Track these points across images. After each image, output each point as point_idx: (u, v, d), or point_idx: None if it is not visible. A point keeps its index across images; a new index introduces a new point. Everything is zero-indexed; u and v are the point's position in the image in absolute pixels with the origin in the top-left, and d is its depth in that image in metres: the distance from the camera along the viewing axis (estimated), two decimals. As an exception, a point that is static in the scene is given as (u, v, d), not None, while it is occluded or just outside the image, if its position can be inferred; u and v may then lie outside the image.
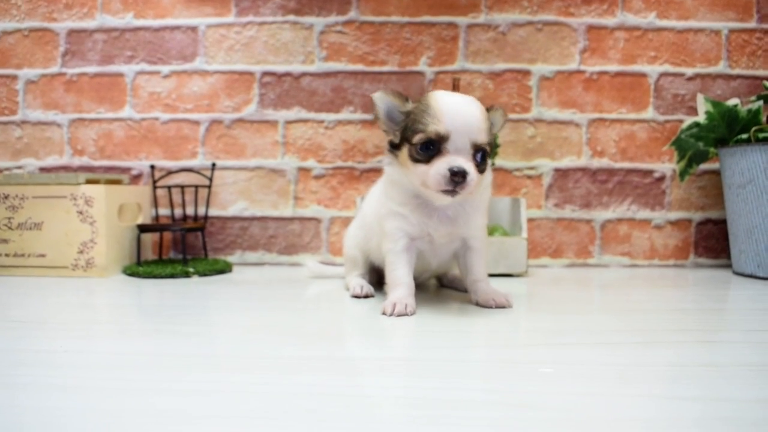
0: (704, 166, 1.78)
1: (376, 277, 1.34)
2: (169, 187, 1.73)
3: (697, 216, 1.80)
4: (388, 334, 0.91)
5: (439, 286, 1.41)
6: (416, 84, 1.78)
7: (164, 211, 1.81)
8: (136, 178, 1.82)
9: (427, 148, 1.00)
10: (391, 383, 0.66)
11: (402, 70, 1.78)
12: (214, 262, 1.63)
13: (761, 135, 1.50)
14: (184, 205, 1.75)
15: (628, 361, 0.75)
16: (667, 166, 1.78)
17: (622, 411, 0.58)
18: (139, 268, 1.54)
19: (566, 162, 1.78)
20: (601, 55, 1.78)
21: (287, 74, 1.79)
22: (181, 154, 1.81)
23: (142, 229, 1.61)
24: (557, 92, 1.78)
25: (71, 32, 1.81)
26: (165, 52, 1.81)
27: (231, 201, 1.81)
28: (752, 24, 1.78)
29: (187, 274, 1.53)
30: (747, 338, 0.88)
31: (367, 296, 1.23)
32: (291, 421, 0.55)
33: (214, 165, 1.77)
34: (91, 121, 1.82)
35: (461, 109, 1.00)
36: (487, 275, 1.17)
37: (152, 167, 1.75)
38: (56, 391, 0.63)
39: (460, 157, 0.98)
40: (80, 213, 1.52)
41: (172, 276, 1.51)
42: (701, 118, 1.58)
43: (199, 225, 1.67)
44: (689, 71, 1.78)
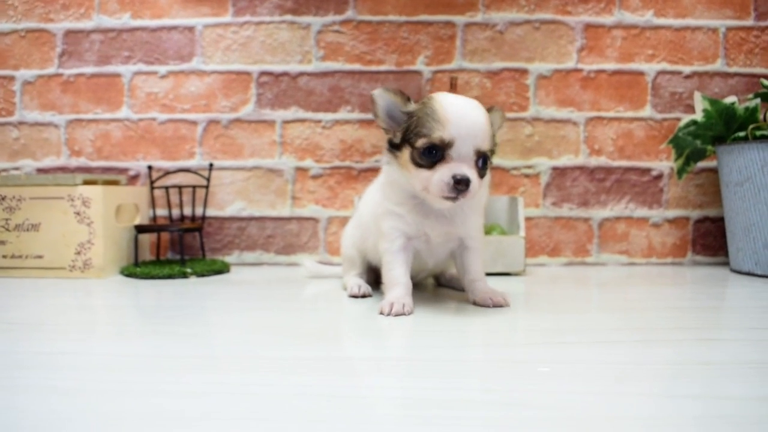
0: (702, 164, 1.78)
1: (373, 277, 1.33)
2: (167, 188, 1.73)
3: (695, 214, 1.80)
4: (385, 334, 0.91)
5: (437, 286, 1.41)
6: (414, 83, 1.78)
7: (162, 212, 1.80)
8: (134, 179, 1.82)
9: (430, 154, 0.98)
10: (389, 383, 0.66)
11: (399, 70, 1.78)
12: (211, 263, 1.63)
13: (759, 133, 1.50)
14: (181, 206, 1.75)
15: (627, 360, 0.75)
16: (664, 164, 1.78)
17: (620, 410, 0.57)
18: (137, 268, 1.54)
19: (564, 160, 1.78)
20: (599, 53, 1.78)
21: (284, 74, 1.79)
22: (179, 155, 1.81)
23: (140, 229, 1.61)
24: (555, 91, 1.78)
25: (68, 33, 1.81)
26: (162, 52, 1.80)
27: (228, 201, 1.81)
28: (749, 22, 1.78)
29: (184, 275, 1.52)
30: (746, 336, 0.88)
31: (364, 296, 1.23)
32: (289, 421, 0.54)
33: (211, 165, 1.77)
34: (89, 121, 1.82)
35: (466, 115, 0.98)
36: (485, 274, 1.17)
37: (150, 168, 1.75)
38: (56, 393, 0.62)
39: (463, 165, 0.98)
40: (77, 214, 1.52)
41: (170, 277, 1.51)
42: (699, 116, 1.58)
43: (197, 225, 1.66)
44: (687, 69, 1.78)
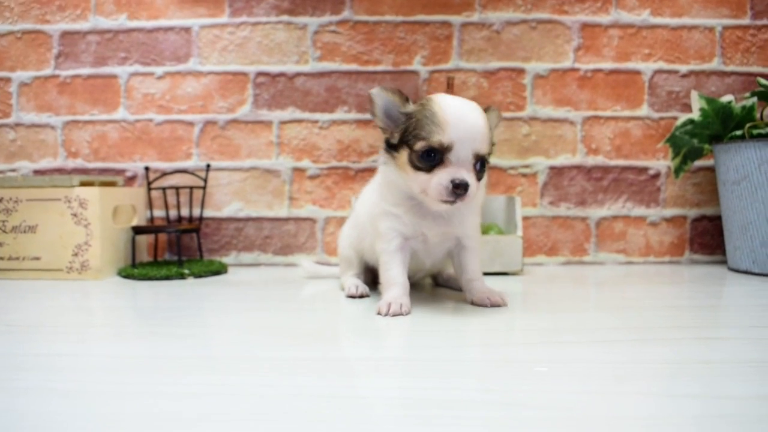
0: (699, 163, 1.78)
1: (371, 277, 1.33)
2: (164, 189, 1.72)
3: (692, 213, 1.80)
4: (383, 334, 0.91)
5: (434, 285, 1.41)
6: (411, 83, 1.77)
7: (159, 213, 1.80)
8: (131, 180, 1.82)
9: (429, 157, 0.98)
10: (387, 384, 0.66)
11: (396, 70, 1.78)
12: (209, 264, 1.63)
13: (755, 131, 1.50)
14: (179, 207, 1.75)
15: (625, 359, 0.75)
16: (661, 163, 1.79)
17: (619, 409, 0.57)
18: (134, 270, 1.54)
19: (561, 160, 1.79)
20: (596, 52, 1.78)
21: (281, 74, 1.79)
22: (176, 156, 1.81)
23: (137, 230, 1.60)
24: (552, 90, 1.78)
25: (64, 34, 1.81)
26: (159, 53, 1.80)
27: (226, 202, 1.80)
28: (746, 20, 1.78)
29: (182, 276, 1.52)
30: (744, 335, 0.88)
31: (362, 296, 1.23)
32: (287, 422, 0.54)
33: (208, 166, 1.76)
34: (85, 123, 1.81)
35: (466, 119, 0.98)
36: (482, 274, 1.17)
37: (147, 169, 1.74)
38: (55, 395, 0.62)
39: (462, 169, 0.97)
40: (75, 215, 1.51)
41: (168, 278, 1.51)
42: (696, 115, 1.59)
43: (194, 226, 1.66)
44: (683, 68, 1.78)
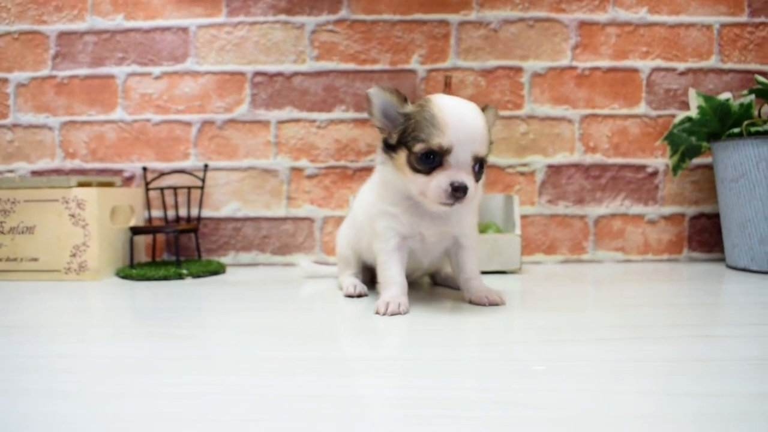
0: (697, 161, 1.78)
1: (369, 276, 1.33)
2: (162, 189, 1.72)
3: (691, 210, 1.80)
4: (381, 334, 0.91)
5: (433, 285, 1.41)
6: (408, 82, 1.77)
7: (157, 213, 1.80)
8: (129, 180, 1.82)
9: (428, 159, 0.98)
10: (385, 383, 0.66)
11: (394, 69, 1.78)
12: (207, 264, 1.63)
13: (753, 129, 1.50)
14: (176, 207, 1.75)
15: (624, 357, 0.75)
16: (660, 161, 1.79)
17: (619, 408, 0.57)
18: (133, 270, 1.53)
19: (559, 158, 1.78)
20: (593, 50, 1.78)
21: (279, 74, 1.79)
22: (174, 156, 1.80)
23: (135, 231, 1.60)
24: (549, 88, 1.78)
25: (61, 34, 1.80)
26: (156, 53, 1.80)
27: (224, 202, 1.80)
28: (743, 18, 1.78)
29: (180, 276, 1.52)
30: (743, 332, 0.88)
31: (360, 295, 1.23)
32: (286, 422, 0.54)
33: (206, 166, 1.76)
34: (83, 123, 1.81)
35: (466, 121, 0.97)
36: (480, 273, 1.17)
37: (144, 169, 1.74)
38: (55, 396, 0.62)
39: (461, 171, 0.97)
40: (72, 216, 1.51)
41: (166, 278, 1.51)
42: (693, 113, 1.59)
43: (192, 226, 1.66)
44: (681, 66, 1.78)
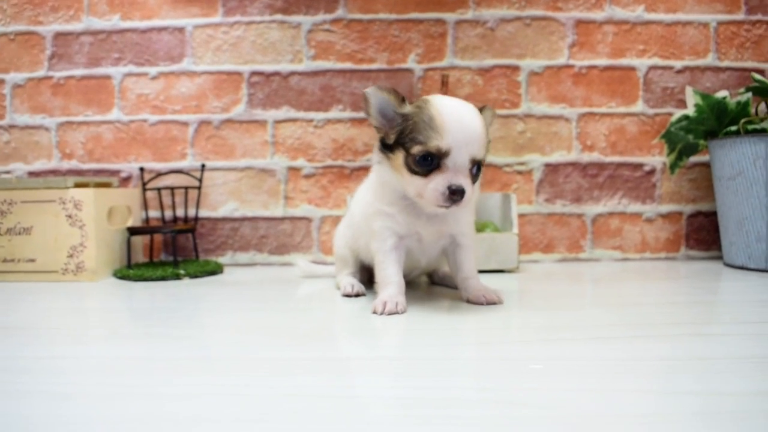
0: (694, 159, 1.78)
1: (366, 276, 1.33)
2: (159, 189, 1.72)
3: (688, 208, 1.80)
4: (379, 333, 0.91)
5: (430, 284, 1.41)
6: (405, 81, 1.77)
7: (154, 214, 1.80)
8: (126, 181, 1.81)
9: (426, 161, 0.97)
10: (383, 383, 0.66)
11: (391, 68, 1.78)
12: (205, 264, 1.63)
13: (750, 127, 1.50)
14: (174, 207, 1.74)
15: (622, 356, 0.74)
16: (657, 159, 1.79)
17: (618, 407, 0.57)
18: (130, 271, 1.53)
19: (556, 157, 1.78)
20: (590, 49, 1.78)
21: (275, 74, 1.79)
22: (171, 156, 1.80)
23: (132, 231, 1.60)
24: (546, 87, 1.78)
25: (57, 35, 1.80)
26: (152, 53, 1.80)
27: (221, 202, 1.80)
28: (740, 16, 1.78)
29: (178, 277, 1.52)
30: (741, 330, 0.88)
31: (358, 295, 1.23)
32: (284, 422, 0.54)
33: (203, 166, 1.76)
34: (79, 124, 1.81)
35: (464, 124, 0.97)
36: (478, 272, 1.17)
37: (141, 169, 1.74)
38: (55, 398, 0.62)
39: (459, 174, 0.97)
40: (69, 217, 1.51)
41: (163, 278, 1.50)
42: (690, 111, 1.59)
43: (190, 227, 1.66)
44: (678, 64, 1.78)
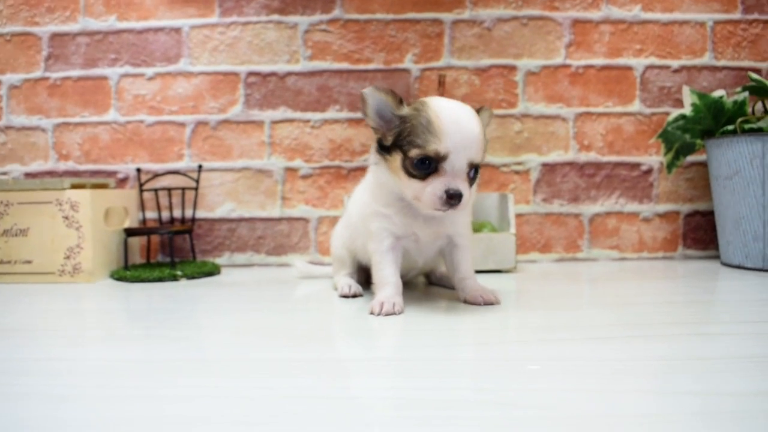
0: (691, 158, 1.78)
1: (364, 276, 1.33)
2: (156, 190, 1.72)
3: (685, 208, 1.80)
4: (376, 334, 0.91)
5: (427, 284, 1.41)
6: (402, 81, 1.77)
7: (151, 214, 1.79)
8: (123, 182, 1.81)
9: (424, 165, 0.97)
10: (380, 384, 0.66)
11: (388, 68, 1.78)
12: (202, 265, 1.62)
13: (747, 126, 1.50)
14: (171, 208, 1.74)
15: (621, 356, 0.74)
16: (654, 158, 1.79)
17: (617, 407, 0.57)
18: (127, 272, 1.53)
19: (554, 156, 1.78)
20: (587, 49, 1.78)
21: (272, 74, 1.79)
22: (167, 157, 1.80)
23: (129, 232, 1.60)
24: (543, 87, 1.78)
25: (54, 36, 1.79)
26: (149, 54, 1.79)
27: (218, 203, 1.80)
28: (737, 15, 1.78)
29: (175, 278, 1.52)
30: (740, 330, 0.88)
31: (355, 296, 1.23)
32: (281, 424, 0.54)
33: (200, 167, 1.76)
34: (76, 125, 1.80)
35: (463, 128, 0.97)
36: (475, 272, 1.17)
37: (138, 170, 1.74)
38: (52, 400, 0.62)
39: (457, 178, 0.97)
40: (66, 218, 1.50)
41: (160, 279, 1.50)
42: (687, 110, 1.59)
43: (187, 227, 1.65)
44: (675, 63, 1.78)
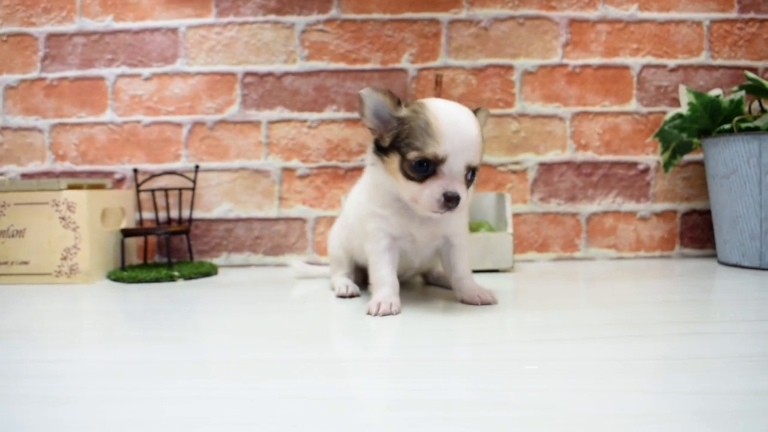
0: (688, 157, 1.78)
1: (361, 277, 1.33)
2: (153, 191, 1.71)
3: (682, 207, 1.80)
4: (373, 334, 0.91)
5: (425, 284, 1.41)
6: (399, 81, 1.77)
7: (148, 215, 1.79)
8: (119, 182, 1.81)
9: (422, 167, 0.97)
10: (378, 384, 0.66)
11: (385, 68, 1.77)
12: (199, 265, 1.62)
13: (744, 125, 1.51)
14: (168, 208, 1.74)
15: (618, 355, 0.74)
16: (651, 157, 1.79)
17: (616, 407, 0.57)
18: (124, 273, 1.53)
19: (551, 156, 1.79)
20: (584, 48, 1.78)
21: (269, 74, 1.78)
22: (164, 157, 1.80)
23: (126, 233, 1.60)
24: (540, 86, 1.78)
25: (50, 36, 1.79)
26: (145, 54, 1.79)
27: (215, 203, 1.79)
28: (733, 14, 1.78)
29: (172, 278, 1.51)
30: (738, 329, 0.88)
31: (352, 296, 1.23)
32: (279, 424, 0.54)
33: (197, 167, 1.75)
34: (73, 125, 1.80)
35: (461, 130, 0.96)
36: (472, 272, 1.17)
37: (135, 171, 1.73)
38: (50, 402, 0.62)
39: (455, 181, 0.97)
40: (63, 219, 1.50)
41: (157, 280, 1.50)
42: (684, 110, 1.59)
43: (184, 228, 1.65)
44: (671, 63, 1.79)
